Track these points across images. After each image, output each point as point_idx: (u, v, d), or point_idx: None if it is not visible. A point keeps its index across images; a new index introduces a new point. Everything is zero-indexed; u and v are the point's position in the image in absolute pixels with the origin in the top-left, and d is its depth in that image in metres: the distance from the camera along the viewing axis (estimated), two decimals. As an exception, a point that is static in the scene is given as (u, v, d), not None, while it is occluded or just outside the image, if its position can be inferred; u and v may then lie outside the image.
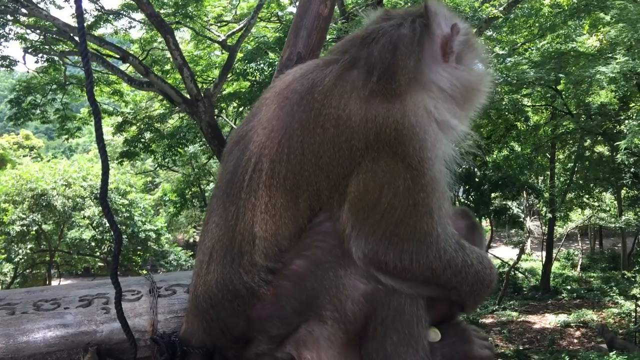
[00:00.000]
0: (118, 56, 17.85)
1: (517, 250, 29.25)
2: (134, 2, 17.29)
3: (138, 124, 22.62)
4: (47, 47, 19.11)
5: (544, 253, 28.69)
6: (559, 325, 21.74)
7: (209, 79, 21.90)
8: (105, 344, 2.31)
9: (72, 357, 2.29)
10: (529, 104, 23.62)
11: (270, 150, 1.96)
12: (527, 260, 34.30)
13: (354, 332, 1.91)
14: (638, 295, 22.32)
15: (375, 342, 1.90)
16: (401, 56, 2.00)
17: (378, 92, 1.94)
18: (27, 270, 25.42)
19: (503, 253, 32.65)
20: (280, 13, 21.47)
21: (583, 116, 22.29)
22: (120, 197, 25.27)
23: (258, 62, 17.82)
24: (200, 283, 2.01)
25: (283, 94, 2.06)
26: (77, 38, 16.81)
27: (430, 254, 1.88)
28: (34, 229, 23.60)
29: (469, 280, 1.96)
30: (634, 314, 21.10)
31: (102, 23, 19.31)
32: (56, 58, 19.52)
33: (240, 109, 20.74)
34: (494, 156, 26.37)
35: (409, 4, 16.97)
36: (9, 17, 17.65)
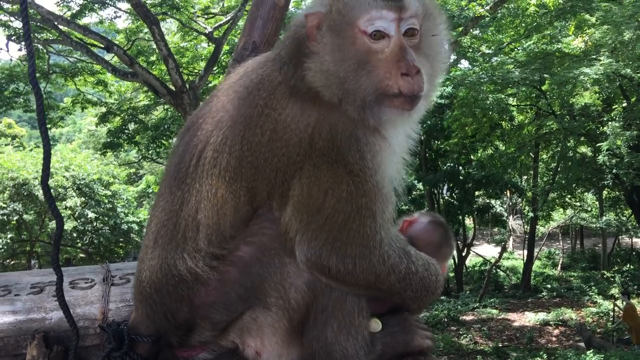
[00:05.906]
0: (102, 46, 17.67)
1: (499, 249, 29.46)
2: (119, -8, 17.12)
3: (122, 115, 22.46)
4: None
5: (526, 252, 28.90)
6: (538, 323, 21.91)
7: (195, 71, 21.77)
8: (54, 332, 2.29)
9: (20, 344, 2.27)
10: (514, 103, 23.73)
11: (215, 140, 1.96)
12: (508, 258, 34.54)
13: (296, 320, 1.92)
14: (616, 295, 22.60)
15: (316, 330, 1.92)
16: (289, 55, 1.96)
17: (298, 95, 1.90)
18: (7, 260, 25.13)
19: (485, 251, 32.90)
20: (267, 6, 21.30)
21: (567, 117, 22.46)
22: (103, 188, 25.02)
23: (244, 55, 17.72)
24: (145, 268, 2.00)
25: (233, 88, 2.06)
26: (61, 27, 16.63)
27: (374, 258, 1.86)
28: (15, 218, 23.31)
29: (413, 287, 1.96)
30: (612, 313, 21.35)
31: (87, 12, 19.10)
32: (40, 46, 19.25)
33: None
34: (478, 154, 26.52)
35: None
36: (-9, 3, 17.39)
